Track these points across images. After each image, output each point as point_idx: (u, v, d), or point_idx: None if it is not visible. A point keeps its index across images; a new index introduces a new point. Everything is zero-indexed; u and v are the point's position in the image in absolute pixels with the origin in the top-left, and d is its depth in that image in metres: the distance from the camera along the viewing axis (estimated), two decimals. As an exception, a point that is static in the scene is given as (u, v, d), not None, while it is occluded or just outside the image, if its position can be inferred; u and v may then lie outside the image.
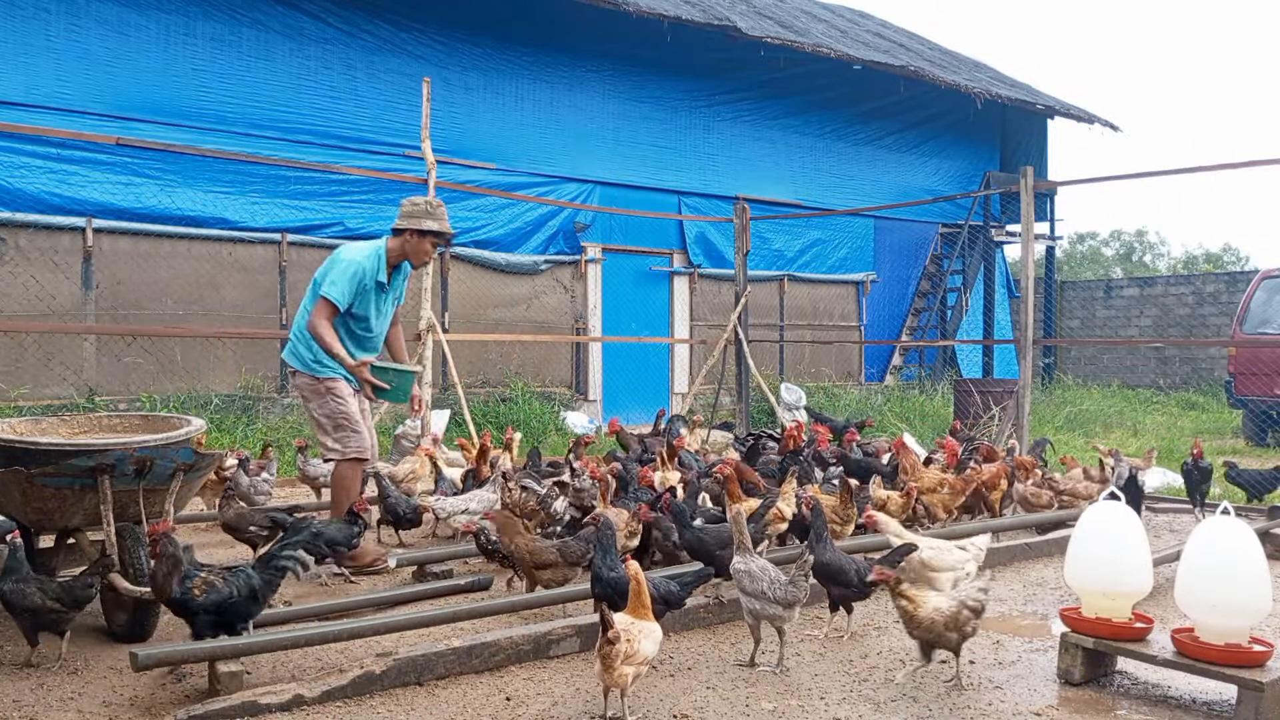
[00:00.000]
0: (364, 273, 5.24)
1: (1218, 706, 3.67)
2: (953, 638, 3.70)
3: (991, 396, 11.54)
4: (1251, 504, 7.19)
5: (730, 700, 3.66)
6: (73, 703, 3.57)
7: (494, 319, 12.87)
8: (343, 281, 5.16)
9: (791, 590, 3.89)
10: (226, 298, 11.11)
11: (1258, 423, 12.66)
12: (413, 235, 5.37)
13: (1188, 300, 20.73)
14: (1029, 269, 8.79)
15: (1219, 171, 8.21)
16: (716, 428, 10.98)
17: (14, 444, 4.25)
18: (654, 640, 3.40)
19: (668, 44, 13.65)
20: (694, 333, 14.62)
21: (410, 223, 5.37)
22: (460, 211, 12.59)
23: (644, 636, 3.36)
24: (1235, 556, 3.55)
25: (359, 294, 5.24)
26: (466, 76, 12.80)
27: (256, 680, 3.69)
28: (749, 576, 3.94)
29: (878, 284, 17.35)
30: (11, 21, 9.90)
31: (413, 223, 5.36)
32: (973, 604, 3.72)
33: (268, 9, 11.39)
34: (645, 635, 3.37)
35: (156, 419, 5.01)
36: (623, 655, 3.25)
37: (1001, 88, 18.53)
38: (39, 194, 9.92)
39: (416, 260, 5.48)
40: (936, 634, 3.69)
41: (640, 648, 3.32)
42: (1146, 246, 44.13)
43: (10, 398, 9.54)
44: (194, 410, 9.60)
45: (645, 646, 3.35)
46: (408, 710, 3.54)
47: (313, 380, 5.25)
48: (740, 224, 11.06)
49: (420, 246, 5.41)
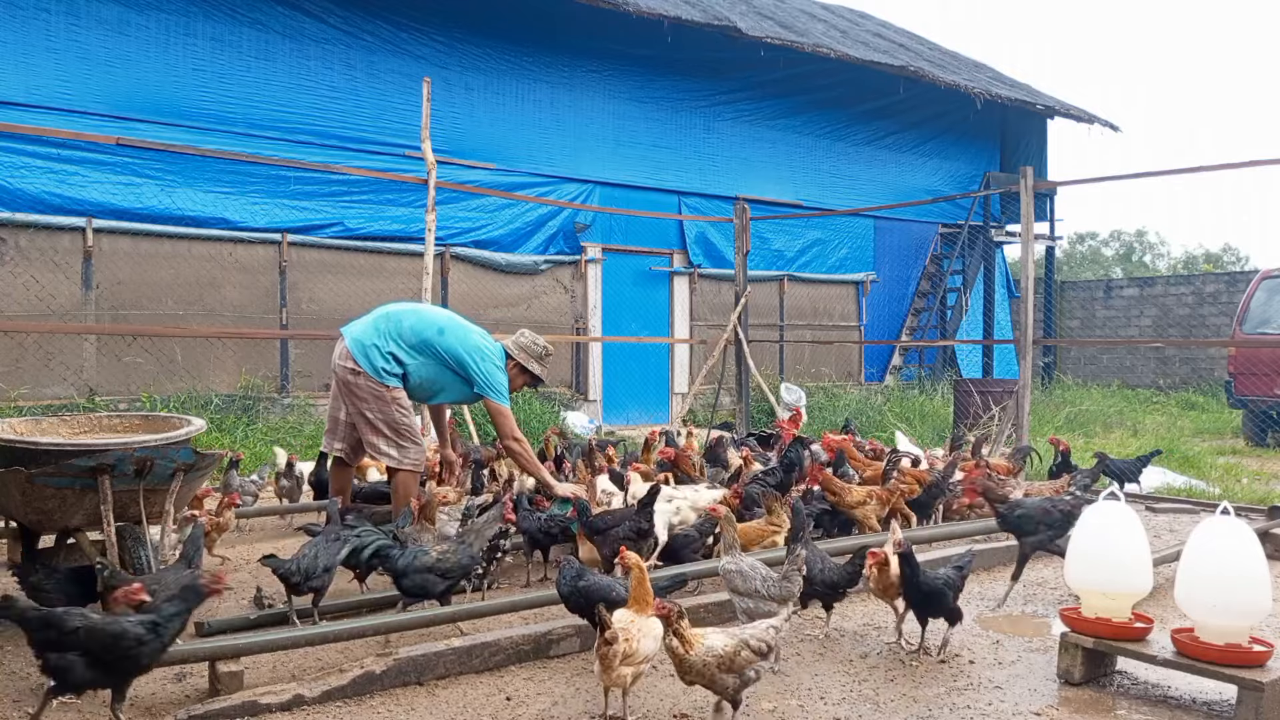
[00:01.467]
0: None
1: (1218, 706, 3.67)
2: (728, 682, 3.25)
3: (991, 397, 11.53)
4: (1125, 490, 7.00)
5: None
6: (73, 703, 3.57)
7: (494, 319, 12.86)
8: (507, 392, 5.53)
9: (785, 586, 3.90)
10: (227, 298, 11.11)
11: (1258, 423, 12.66)
12: (523, 371, 5.66)
13: (1188, 300, 20.73)
14: (1029, 269, 8.80)
15: (1219, 171, 8.20)
16: (716, 428, 10.98)
17: (14, 444, 4.26)
18: (655, 639, 3.34)
19: (668, 44, 13.65)
20: (694, 333, 14.62)
21: (527, 362, 5.64)
22: (460, 211, 12.60)
23: (644, 635, 3.33)
24: (1235, 556, 3.55)
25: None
26: (467, 76, 12.81)
27: (256, 680, 3.70)
28: (740, 576, 3.94)
29: (878, 284, 17.35)
30: (12, 21, 9.90)
31: (529, 363, 5.65)
32: (756, 644, 3.29)
33: (268, 9, 11.40)
34: (646, 634, 3.34)
35: (157, 419, 5.02)
36: (621, 655, 3.22)
37: (1001, 88, 18.53)
38: (39, 194, 9.92)
39: (512, 389, 5.69)
40: (709, 678, 3.24)
41: (640, 647, 3.28)
42: (1146, 246, 44.15)
43: (10, 398, 9.54)
44: (194, 410, 9.59)
45: (645, 646, 3.30)
46: (408, 710, 3.54)
47: (379, 387, 5.30)
48: (740, 224, 11.07)
49: (520, 381, 5.71)
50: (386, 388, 5.29)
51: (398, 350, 5.33)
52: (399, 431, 5.33)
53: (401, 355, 5.33)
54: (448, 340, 5.38)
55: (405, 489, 5.38)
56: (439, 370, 5.40)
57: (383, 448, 5.34)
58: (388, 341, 5.33)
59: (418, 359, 5.36)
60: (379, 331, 5.36)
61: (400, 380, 5.36)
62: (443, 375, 5.42)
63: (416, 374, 5.39)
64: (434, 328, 5.41)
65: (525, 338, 5.69)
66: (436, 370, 5.40)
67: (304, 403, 11.25)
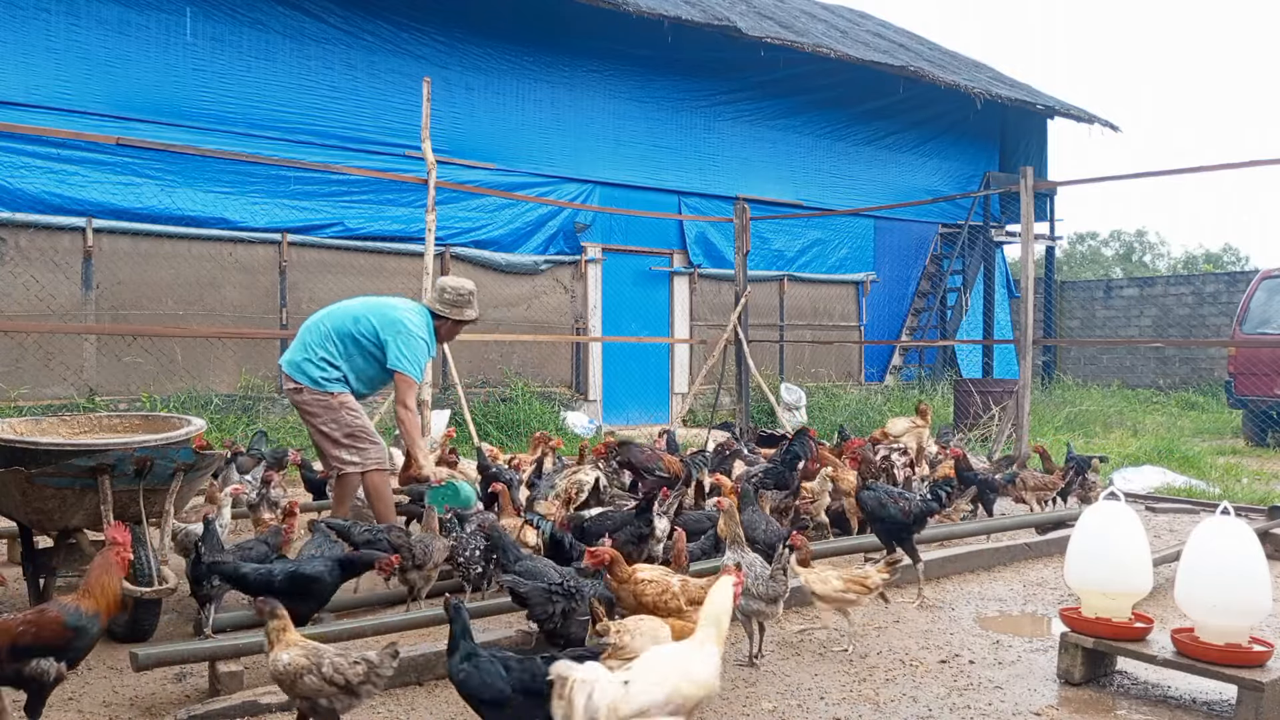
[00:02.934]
0: (430, 350, 5.51)
1: (1218, 706, 3.67)
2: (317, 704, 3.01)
3: (991, 397, 11.54)
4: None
5: (730, 700, 3.66)
6: (73, 702, 3.57)
7: (494, 319, 12.87)
8: (423, 361, 5.43)
9: (773, 585, 3.91)
10: (226, 298, 11.11)
11: (1258, 423, 12.65)
12: (451, 322, 5.61)
13: (1188, 300, 20.73)
14: (1029, 269, 8.80)
15: (1219, 171, 8.21)
16: (716, 428, 10.99)
17: (14, 444, 4.25)
18: (652, 638, 3.26)
19: (668, 44, 13.65)
20: (694, 333, 14.62)
21: (454, 313, 5.57)
22: (460, 211, 12.60)
23: (640, 634, 3.27)
24: (1235, 556, 3.55)
25: None
26: (467, 76, 12.80)
27: (256, 680, 3.69)
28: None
29: (878, 284, 17.35)
30: (11, 21, 9.90)
31: (455, 313, 5.58)
32: (329, 672, 2.97)
33: (268, 9, 11.39)
34: (642, 633, 3.28)
35: (157, 419, 5.01)
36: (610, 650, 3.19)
37: (1001, 88, 18.53)
38: (39, 194, 9.92)
39: (443, 339, 5.76)
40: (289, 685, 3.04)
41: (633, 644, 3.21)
42: (1146, 246, 44.13)
43: (10, 398, 9.54)
44: (194, 410, 9.59)
45: (639, 643, 3.22)
46: (408, 710, 3.54)
47: (323, 396, 5.26)
48: (740, 224, 11.06)
49: (454, 331, 5.71)
50: (330, 394, 5.25)
51: (329, 354, 5.28)
52: (355, 435, 5.29)
53: (333, 358, 5.29)
54: (365, 325, 5.32)
55: (381, 490, 5.36)
56: (368, 359, 5.35)
57: (346, 457, 5.29)
58: (316, 350, 5.29)
59: (349, 355, 5.32)
60: (305, 345, 5.34)
61: (343, 384, 5.31)
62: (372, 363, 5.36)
63: (354, 371, 5.34)
64: (349, 318, 5.36)
65: (446, 291, 5.57)
66: (366, 359, 5.35)
67: (304, 403, 11.24)
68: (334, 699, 2.99)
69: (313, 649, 3.07)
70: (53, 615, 3.04)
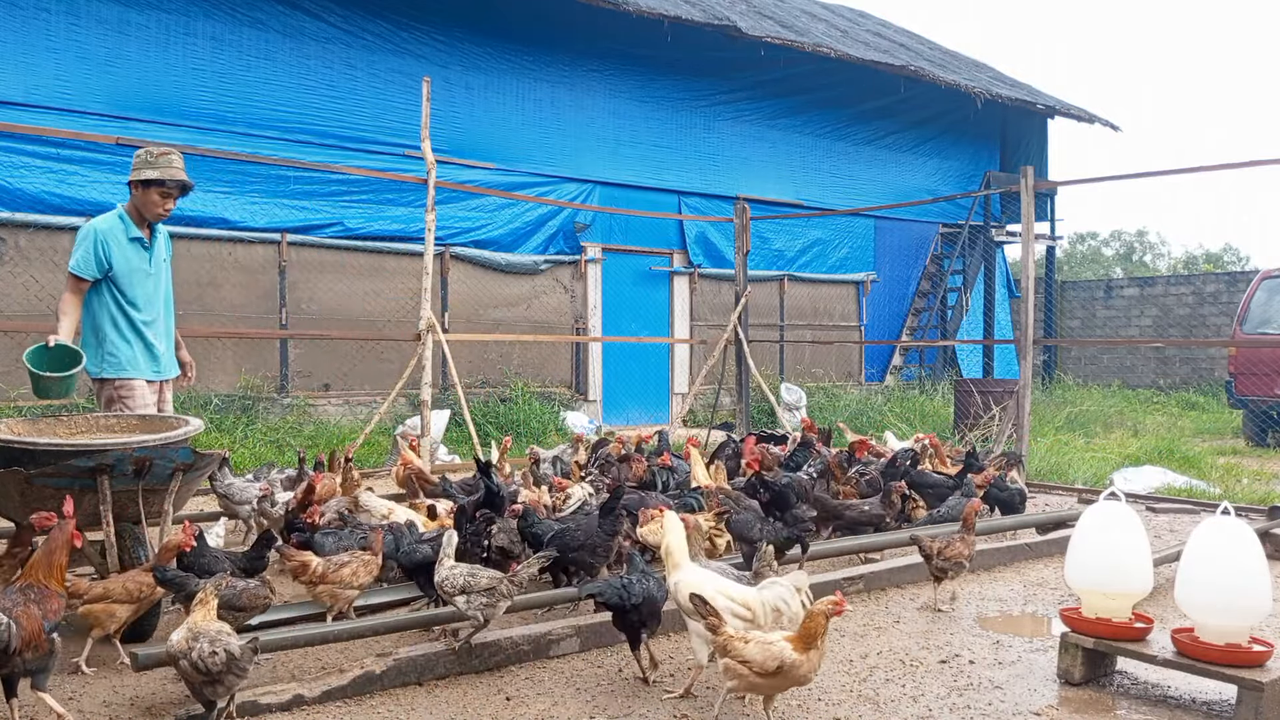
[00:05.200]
0: (100, 234, 4.90)
1: (1218, 706, 3.67)
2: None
3: (992, 397, 11.52)
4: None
5: (730, 700, 3.65)
6: (73, 703, 3.57)
7: (494, 319, 12.88)
8: (79, 250, 4.87)
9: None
10: (226, 298, 11.10)
11: (1258, 423, 12.65)
12: (138, 188, 5.03)
13: (1188, 300, 20.73)
14: (1029, 269, 8.79)
15: (1219, 171, 8.21)
16: (716, 428, 10.98)
17: (12, 444, 4.25)
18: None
19: (668, 44, 13.65)
20: (694, 333, 14.62)
21: (132, 174, 5.03)
22: (460, 211, 12.60)
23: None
24: (1235, 557, 3.55)
25: (116, 260, 4.96)
26: (467, 76, 12.80)
27: (256, 680, 3.69)
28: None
29: (878, 284, 17.35)
30: (11, 21, 9.90)
31: (133, 174, 5.03)
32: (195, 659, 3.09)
33: (268, 9, 11.39)
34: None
35: (155, 419, 5.00)
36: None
37: (1001, 87, 18.53)
38: (39, 194, 9.92)
39: (149, 213, 5.08)
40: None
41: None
42: (1146, 246, 44.14)
43: (10, 398, 9.53)
44: (194, 410, 9.58)
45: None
46: (408, 710, 3.54)
47: (99, 384, 5.08)
48: (740, 224, 11.06)
49: (147, 198, 5.02)
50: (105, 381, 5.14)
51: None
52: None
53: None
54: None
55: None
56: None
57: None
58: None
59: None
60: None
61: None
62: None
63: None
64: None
65: (134, 158, 5.10)
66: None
67: (303, 403, 11.25)
68: (202, 686, 3.13)
69: (199, 633, 3.16)
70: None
